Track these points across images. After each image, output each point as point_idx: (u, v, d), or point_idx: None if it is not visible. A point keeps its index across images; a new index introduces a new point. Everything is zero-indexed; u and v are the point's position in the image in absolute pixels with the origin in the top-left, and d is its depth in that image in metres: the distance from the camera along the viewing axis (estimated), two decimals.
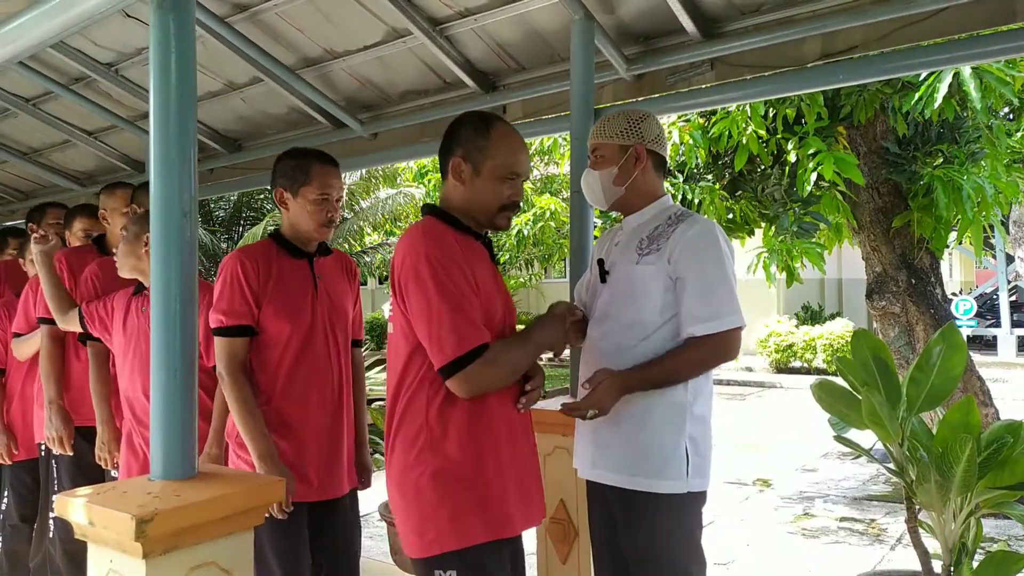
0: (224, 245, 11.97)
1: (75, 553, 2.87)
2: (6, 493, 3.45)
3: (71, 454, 2.96)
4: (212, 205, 12.15)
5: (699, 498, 1.97)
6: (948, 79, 3.98)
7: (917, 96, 4.13)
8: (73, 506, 1.62)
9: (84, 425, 2.95)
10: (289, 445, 2.20)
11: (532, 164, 13.58)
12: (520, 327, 1.94)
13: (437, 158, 1.98)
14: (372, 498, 3.37)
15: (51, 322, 2.94)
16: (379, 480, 2.10)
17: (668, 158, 2.15)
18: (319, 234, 2.28)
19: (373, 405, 3.05)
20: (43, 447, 3.14)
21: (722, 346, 1.92)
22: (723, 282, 1.92)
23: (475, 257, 1.83)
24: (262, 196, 11.62)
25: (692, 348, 1.92)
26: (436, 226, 1.83)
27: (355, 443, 2.42)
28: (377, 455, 5.25)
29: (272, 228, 2.56)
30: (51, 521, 3.10)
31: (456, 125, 1.91)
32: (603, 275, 2.11)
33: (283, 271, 2.24)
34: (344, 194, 2.38)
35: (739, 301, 1.95)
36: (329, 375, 2.28)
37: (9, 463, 3.39)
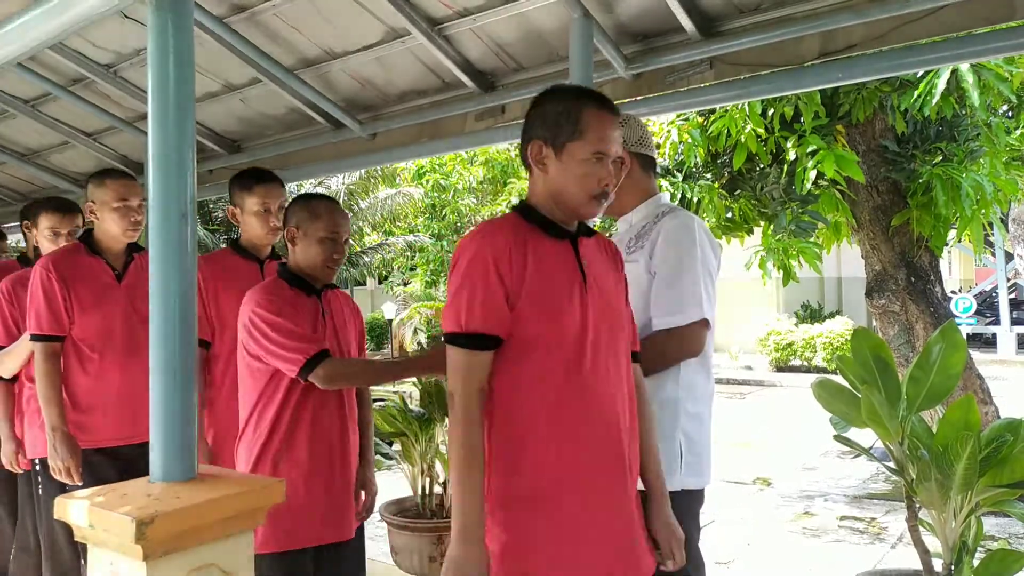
0: (223, 245, 11.96)
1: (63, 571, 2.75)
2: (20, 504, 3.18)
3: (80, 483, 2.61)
4: (211, 205, 12.15)
5: (695, 496, 1.97)
6: (946, 76, 3.98)
7: (916, 94, 4.13)
8: (73, 508, 1.62)
9: (94, 447, 2.67)
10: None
11: None
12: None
13: (433, 158, 1.97)
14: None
15: (46, 338, 2.64)
16: (382, 480, 2.10)
17: (656, 156, 2.16)
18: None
19: (375, 405, 3.03)
20: (36, 463, 2.88)
21: (682, 340, 1.93)
22: (689, 275, 1.93)
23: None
24: None
25: (660, 341, 1.94)
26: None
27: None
28: (379, 456, 5.25)
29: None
30: (38, 537, 2.89)
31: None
32: None
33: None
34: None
35: (711, 296, 1.95)
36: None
37: (21, 471, 3.09)
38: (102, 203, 2.68)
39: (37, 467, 2.88)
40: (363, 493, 2.38)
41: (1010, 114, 5.26)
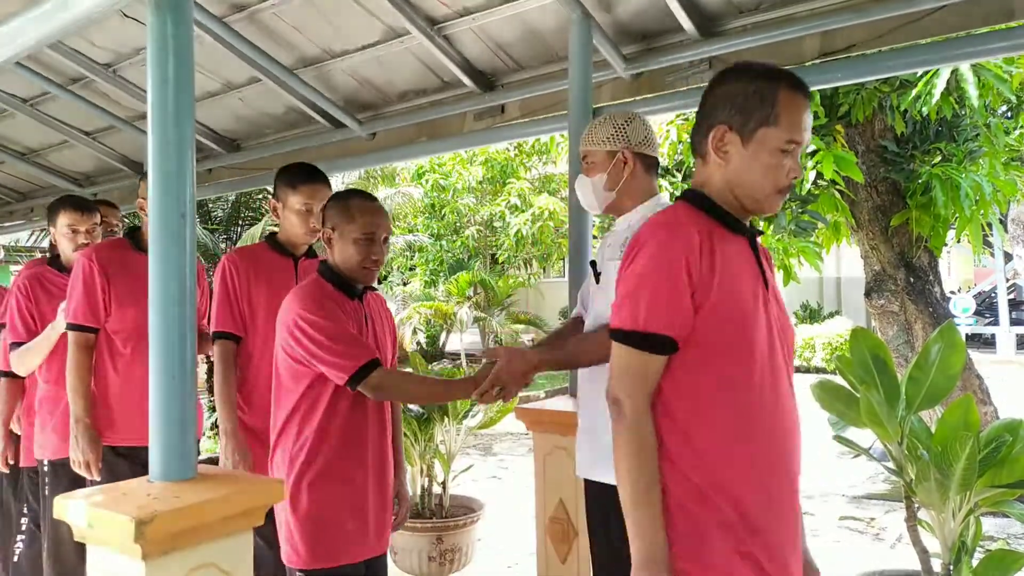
0: (223, 245, 11.97)
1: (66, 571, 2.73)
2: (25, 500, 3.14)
3: (98, 478, 2.58)
4: (211, 205, 12.14)
5: None
6: (946, 75, 3.98)
7: (914, 93, 4.13)
8: (72, 508, 1.61)
9: (113, 446, 2.64)
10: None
11: (529, 163, 13.62)
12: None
13: (432, 158, 1.96)
14: None
15: (81, 329, 2.63)
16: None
17: (659, 157, 2.16)
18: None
19: None
20: (44, 464, 2.86)
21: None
22: None
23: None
24: (261, 196, 11.60)
25: (601, 332, 1.92)
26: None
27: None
28: None
29: (270, 230, 2.54)
30: (44, 539, 2.87)
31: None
32: (596, 277, 2.15)
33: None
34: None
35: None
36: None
37: (6, 470, 3.16)
38: (144, 199, 2.56)
39: (45, 468, 2.85)
40: (397, 502, 2.28)
41: (1009, 115, 5.25)
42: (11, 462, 3.16)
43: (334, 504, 2.01)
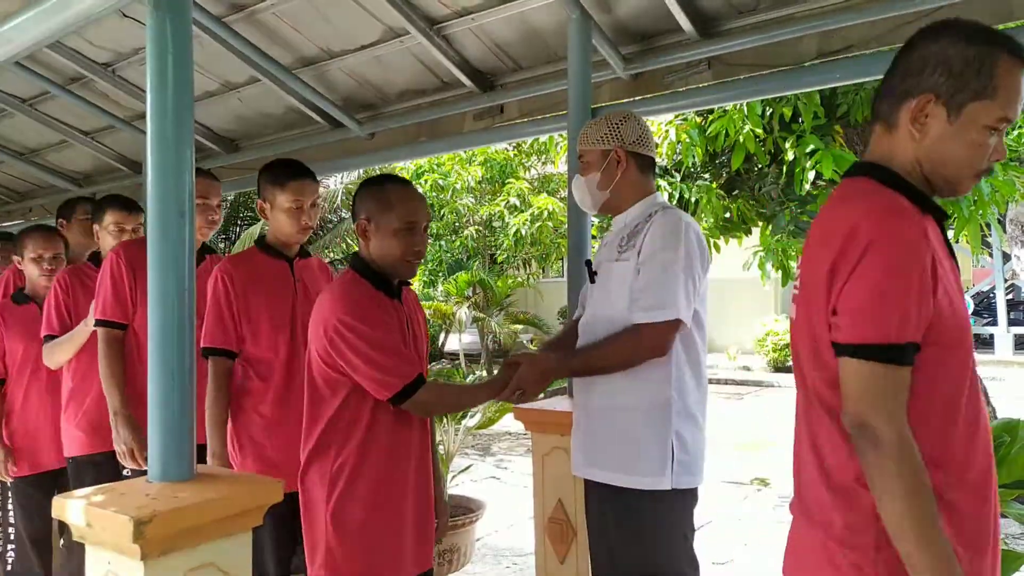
0: (222, 245, 11.96)
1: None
2: (11, 511, 3.16)
3: (129, 471, 2.60)
4: None
5: (687, 496, 1.98)
6: None
7: None
8: (71, 508, 1.61)
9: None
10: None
11: (528, 163, 13.63)
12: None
13: (431, 158, 1.94)
14: None
15: (109, 325, 2.63)
16: None
17: (655, 156, 2.16)
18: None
19: None
20: (73, 461, 2.88)
21: (652, 337, 1.92)
22: (670, 274, 1.92)
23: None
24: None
25: (623, 336, 1.94)
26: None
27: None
28: None
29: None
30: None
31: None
32: (591, 275, 2.15)
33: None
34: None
35: (689, 296, 1.93)
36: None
37: (9, 480, 3.11)
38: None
39: (73, 465, 2.88)
40: (437, 513, 2.13)
41: None
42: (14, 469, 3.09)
43: (379, 523, 1.88)
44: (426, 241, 2.01)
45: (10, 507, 3.14)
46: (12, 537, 3.14)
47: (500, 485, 6.37)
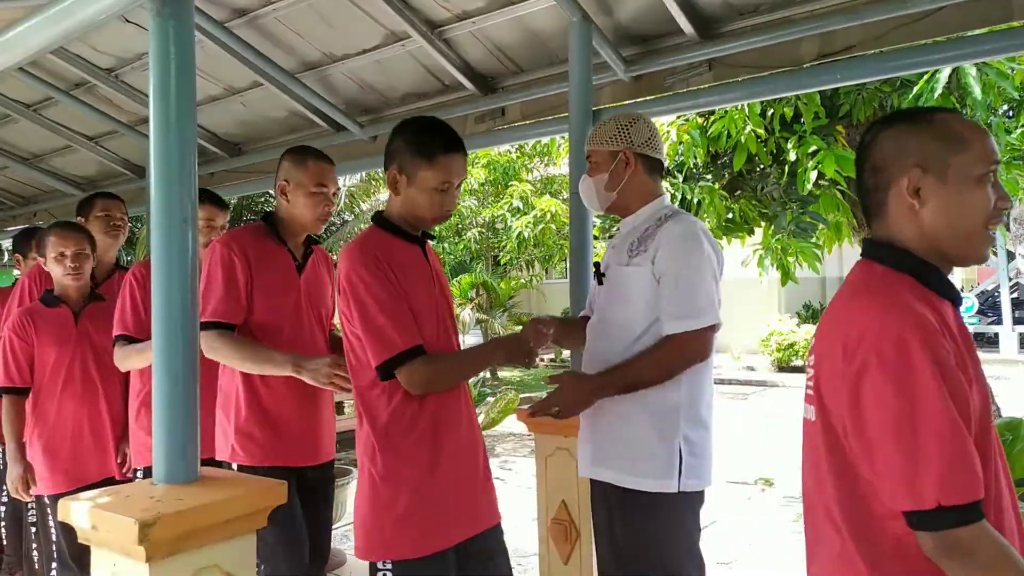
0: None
1: None
2: (52, 528, 2.89)
3: None
4: None
5: (694, 498, 1.98)
6: (947, 73, 3.98)
7: (915, 92, 4.13)
8: (76, 510, 1.62)
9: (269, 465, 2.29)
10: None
11: (531, 165, 13.64)
12: None
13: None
14: None
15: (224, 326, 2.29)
16: None
17: (663, 159, 2.17)
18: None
19: None
20: (137, 472, 2.72)
21: (692, 345, 1.93)
22: (699, 280, 1.94)
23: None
24: (262, 200, 11.64)
25: (662, 347, 1.94)
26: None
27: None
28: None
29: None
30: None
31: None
32: (599, 278, 2.15)
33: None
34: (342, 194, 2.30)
35: (715, 301, 1.96)
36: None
37: (27, 499, 2.89)
38: (297, 184, 2.35)
39: (139, 476, 2.71)
40: None
41: (1011, 114, 5.26)
42: (33, 486, 2.86)
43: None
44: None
45: (51, 523, 2.90)
46: (56, 555, 2.91)
47: (504, 486, 6.38)
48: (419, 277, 1.89)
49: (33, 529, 3.07)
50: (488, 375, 12.68)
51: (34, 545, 3.09)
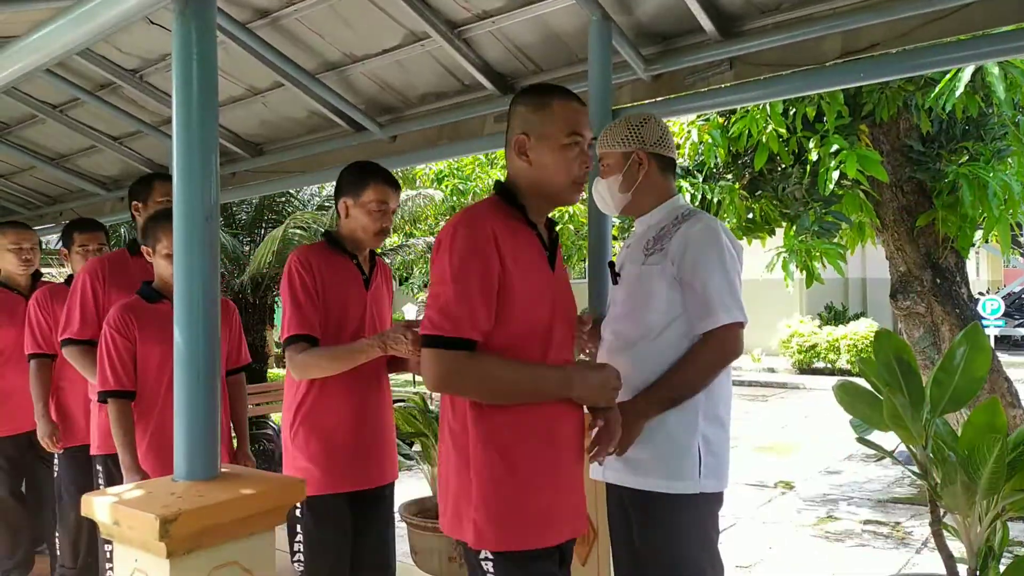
0: (246, 248, 12.07)
1: None
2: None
3: None
4: (234, 208, 12.26)
5: (713, 499, 1.97)
6: (970, 71, 3.92)
7: (938, 89, 4.07)
8: (99, 506, 1.64)
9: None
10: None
11: None
12: None
13: (451, 161, 1.90)
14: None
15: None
16: (402, 481, 2.10)
17: (676, 158, 2.16)
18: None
19: (396, 406, 3.03)
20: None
21: (723, 343, 1.92)
22: (722, 279, 1.93)
23: None
24: (283, 199, 11.72)
25: (703, 348, 1.93)
26: None
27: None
28: (400, 457, 5.25)
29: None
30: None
31: None
32: (614, 277, 2.14)
33: None
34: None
35: (741, 298, 1.95)
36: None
37: (58, 450, 3.25)
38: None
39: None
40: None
41: None
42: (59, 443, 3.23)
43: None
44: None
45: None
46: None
47: None
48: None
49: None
50: None
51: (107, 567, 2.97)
